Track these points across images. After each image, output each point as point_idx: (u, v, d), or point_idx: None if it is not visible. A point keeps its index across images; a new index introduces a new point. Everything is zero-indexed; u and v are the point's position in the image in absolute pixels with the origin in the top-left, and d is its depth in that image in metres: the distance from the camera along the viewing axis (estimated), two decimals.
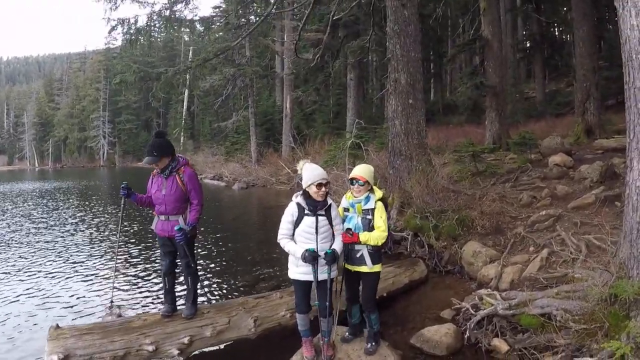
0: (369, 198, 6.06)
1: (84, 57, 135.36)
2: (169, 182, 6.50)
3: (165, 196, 6.49)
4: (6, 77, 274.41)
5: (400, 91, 12.52)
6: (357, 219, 6.08)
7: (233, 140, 44.71)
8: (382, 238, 5.93)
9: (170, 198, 6.48)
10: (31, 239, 15.58)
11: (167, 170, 6.51)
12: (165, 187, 6.50)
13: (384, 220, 5.97)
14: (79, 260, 12.51)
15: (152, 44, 43.93)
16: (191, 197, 6.58)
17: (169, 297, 6.68)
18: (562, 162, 12.79)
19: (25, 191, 36.47)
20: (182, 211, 6.56)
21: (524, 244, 8.88)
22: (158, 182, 6.60)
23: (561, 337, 5.71)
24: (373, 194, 6.09)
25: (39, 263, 12.45)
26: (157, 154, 6.42)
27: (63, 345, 5.62)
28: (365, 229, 6.00)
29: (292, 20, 34.29)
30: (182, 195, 6.52)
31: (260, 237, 15.56)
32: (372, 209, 6.03)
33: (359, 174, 6.11)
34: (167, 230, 6.49)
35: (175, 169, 6.54)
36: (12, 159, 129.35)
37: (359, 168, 6.24)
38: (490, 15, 19.65)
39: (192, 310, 6.53)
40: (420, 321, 7.53)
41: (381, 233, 5.92)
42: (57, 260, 12.72)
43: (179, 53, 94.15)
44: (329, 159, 21.70)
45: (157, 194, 6.58)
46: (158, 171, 6.59)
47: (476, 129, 24.02)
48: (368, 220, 6.02)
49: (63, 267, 11.96)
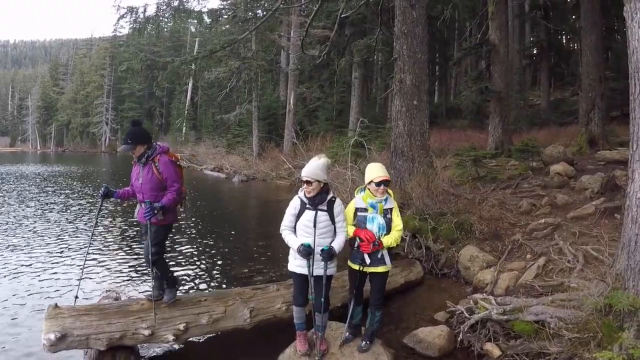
0: (387, 197, 6.07)
1: (90, 43, 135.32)
2: (145, 170, 6.50)
3: (142, 185, 6.50)
4: (12, 60, 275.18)
5: (405, 92, 12.51)
6: (380, 219, 6.04)
7: (235, 133, 44.61)
8: (400, 237, 6.07)
9: (147, 186, 6.47)
10: (36, 222, 15.74)
11: (143, 159, 6.48)
12: (142, 176, 6.51)
13: (400, 219, 6.07)
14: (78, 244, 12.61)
15: (159, 33, 43.89)
16: (168, 184, 6.53)
17: (156, 282, 6.69)
18: (564, 171, 12.79)
19: (28, 175, 36.46)
20: (159, 200, 6.49)
21: (522, 251, 8.89)
22: (136, 170, 6.62)
23: (554, 345, 5.72)
24: (389, 194, 6.12)
25: (38, 245, 12.62)
26: (132, 142, 6.42)
27: (61, 324, 5.68)
28: (388, 228, 6.02)
29: (299, 16, 34.25)
30: (158, 183, 6.49)
31: (258, 230, 15.65)
32: (391, 208, 6.07)
33: (386, 174, 6.08)
34: (142, 217, 6.46)
35: (151, 157, 6.51)
36: (14, 141, 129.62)
37: (379, 169, 6.14)
38: (498, 20, 19.61)
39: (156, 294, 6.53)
40: (415, 322, 7.58)
41: (399, 232, 6.02)
42: (54, 242, 12.88)
43: (185, 44, 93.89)
44: (331, 157, 21.71)
45: (135, 182, 6.59)
46: (135, 160, 6.58)
47: (479, 133, 24.02)
48: (389, 219, 6.04)
49: (62, 249, 12.11)
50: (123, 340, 5.92)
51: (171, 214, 6.67)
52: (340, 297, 6.95)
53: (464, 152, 14.62)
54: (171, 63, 20.97)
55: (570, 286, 6.83)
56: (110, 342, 5.82)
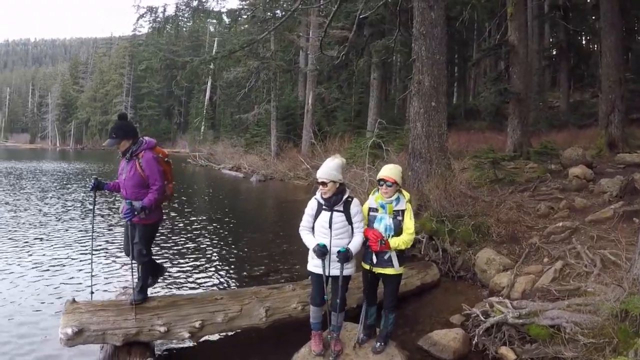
0: (399, 199, 6.03)
1: (110, 42, 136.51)
2: (129, 166, 6.42)
3: (125, 180, 6.42)
4: (33, 58, 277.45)
5: (423, 93, 12.47)
6: (388, 220, 6.03)
7: (253, 132, 44.73)
8: (411, 240, 5.97)
9: (129, 183, 6.39)
10: (58, 218, 15.94)
11: (128, 154, 6.42)
12: (125, 172, 6.43)
13: (413, 222, 5.98)
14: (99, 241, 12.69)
15: (178, 33, 44.15)
16: (150, 182, 6.42)
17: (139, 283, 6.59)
18: (583, 174, 12.69)
19: (48, 171, 36.70)
20: (142, 197, 6.41)
21: (539, 255, 8.84)
22: (122, 165, 6.56)
23: (569, 349, 5.70)
24: (403, 195, 6.07)
25: (61, 241, 12.76)
26: (117, 137, 6.36)
27: (78, 319, 5.77)
28: (396, 230, 5.97)
29: (317, 17, 34.24)
30: (141, 180, 6.39)
31: (276, 230, 15.65)
32: (403, 210, 6.00)
33: (388, 174, 6.05)
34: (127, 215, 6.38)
35: (136, 153, 6.43)
36: (34, 137, 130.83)
37: (387, 168, 6.16)
38: (517, 21, 19.51)
39: (140, 296, 6.41)
40: (430, 324, 7.57)
41: (410, 236, 5.93)
42: (77, 239, 13.02)
43: (203, 43, 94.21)
44: (349, 157, 21.70)
45: (119, 177, 6.55)
46: (123, 155, 6.50)
47: (497, 135, 23.91)
48: (398, 221, 5.98)
49: (84, 245, 12.23)
50: (139, 337, 5.99)
51: (156, 212, 6.61)
52: (356, 298, 6.95)
53: (482, 154, 14.56)
54: (190, 62, 21.03)
55: (587, 291, 6.79)
56: (127, 338, 5.90)
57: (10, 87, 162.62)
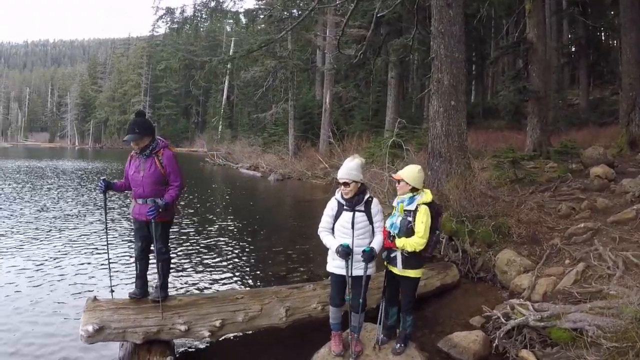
0: (412, 199, 6.00)
1: (128, 43, 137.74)
2: (147, 163, 6.40)
3: (144, 178, 6.38)
4: (52, 58, 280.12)
5: (442, 92, 12.40)
6: (396, 218, 6.04)
7: (271, 131, 44.91)
8: (419, 245, 5.83)
9: (148, 180, 6.37)
10: (78, 217, 16.14)
11: (147, 151, 6.39)
12: (143, 169, 6.39)
13: (425, 226, 5.84)
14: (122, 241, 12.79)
15: (197, 33, 44.31)
16: (170, 179, 6.47)
17: (139, 281, 6.59)
18: (604, 174, 12.53)
19: (67, 170, 36.97)
20: (161, 194, 6.41)
21: (560, 256, 8.74)
22: (136, 163, 6.49)
23: (591, 353, 5.61)
24: (419, 196, 6.02)
25: (83, 240, 12.94)
26: (140, 132, 6.34)
27: (99, 317, 5.79)
28: (402, 230, 5.93)
29: (334, 16, 34.27)
30: (161, 177, 6.41)
31: (294, 229, 15.73)
32: (414, 211, 5.95)
33: (398, 173, 6.18)
34: (144, 214, 6.34)
35: (155, 151, 6.43)
36: (53, 136, 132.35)
37: (404, 168, 6.23)
38: (535, 18, 19.35)
39: (157, 293, 6.37)
40: (449, 326, 7.51)
41: (419, 239, 5.81)
42: (99, 238, 13.11)
43: (220, 43, 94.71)
44: (368, 157, 21.65)
45: (135, 175, 6.46)
46: (137, 152, 6.47)
47: (517, 134, 23.75)
48: (407, 222, 5.93)
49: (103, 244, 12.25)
50: (159, 335, 6.01)
51: (172, 209, 6.63)
52: (376, 299, 6.90)
53: (501, 154, 14.47)
54: (209, 62, 21.07)
55: (610, 293, 6.71)
56: (147, 336, 5.92)
57: (29, 87, 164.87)
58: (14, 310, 7.95)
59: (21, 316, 7.67)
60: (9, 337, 6.86)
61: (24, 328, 7.22)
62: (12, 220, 15.27)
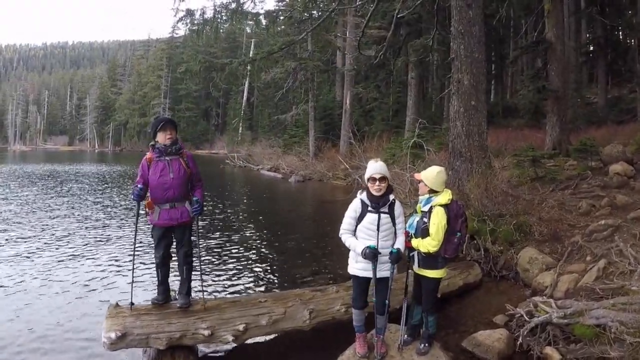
0: (429, 200, 6.05)
1: (148, 44, 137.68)
2: (174, 165, 6.35)
3: (174, 179, 6.31)
4: (71, 61, 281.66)
5: (462, 92, 12.46)
6: (413, 219, 6.16)
7: (291, 133, 44.90)
8: (432, 246, 5.87)
9: (178, 182, 6.33)
10: (100, 223, 16.17)
11: (173, 149, 6.41)
12: (172, 171, 6.31)
13: (437, 227, 5.86)
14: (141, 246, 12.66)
15: (217, 35, 44.43)
16: (195, 179, 6.57)
17: (161, 287, 6.60)
18: (623, 171, 12.54)
19: (88, 174, 37.21)
20: (188, 196, 6.49)
21: (581, 253, 8.76)
22: (160, 166, 6.35)
23: (615, 349, 5.68)
24: (435, 197, 6.05)
25: (104, 246, 12.92)
26: (174, 125, 6.53)
27: (122, 323, 5.82)
28: (418, 230, 6.03)
29: (354, 17, 34.26)
30: (188, 179, 6.45)
31: (316, 230, 15.73)
32: (429, 212, 5.99)
33: (420, 173, 6.28)
34: (175, 219, 6.38)
35: (180, 151, 6.45)
36: (73, 139, 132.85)
37: (427, 169, 6.29)
38: (554, 18, 19.29)
39: (187, 299, 6.44)
40: (473, 325, 7.55)
41: (431, 241, 5.87)
42: (117, 244, 13.12)
43: (240, 45, 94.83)
44: (389, 157, 21.70)
45: (162, 179, 6.31)
46: (157, 155, 6.36)
47: (536, 133, 23.63)
48: (423, 222, 6.01)
49: (124, 251, 12.35)
50: (182, 340, 6.04)
51: None
52: (399, 300, 6.87)
53: (521, 152, 14.47)
54: (229, 64, 21.23)
55: (632, 289, 6.75)
56: (170, 342, 5.95)
57: (48, 89, 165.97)
58: (34, 314, 8.03)
59: (42, 322, 7.69)
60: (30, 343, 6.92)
61: (45, 333, 7.27)
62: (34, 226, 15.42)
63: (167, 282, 6.67)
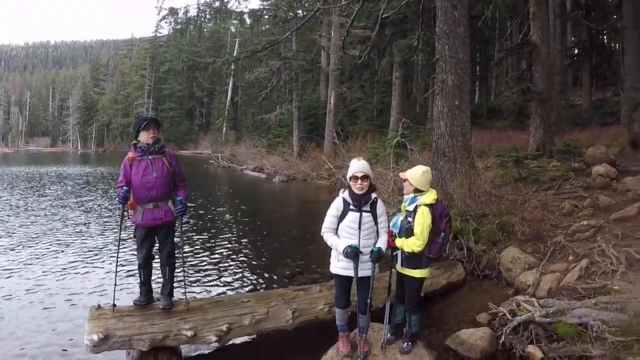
0: (414, 200, 6.04)
1: (131, 44, 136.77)
2: (157, 164, 6.32)
3: (157, 179, 6.27)
4: (53, 60, 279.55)
5: (447, 92, 12.48)
6: (397, 218, 6.16)
7: (275, 133, 44.79)
8: (416, 246, 5.87)
9: (161, 181, 6.30)
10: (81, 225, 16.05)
11: (156, 148, 6.38)
12: (155, 170, 6.28)
13: (422, 227, 5.86)
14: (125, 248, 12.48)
15: (200, 34, 44.27)
16: (179, 178, 6.55)
17: (144, 288, 6.55)
18: (606, 172, 12.64)
19: (70, 176, 36.96)
20: (171, 195, 6.47)
21: (564, 253, 8.81)
22: (142, 166, 6.30)
23: (597, 347, 5.71)
24: (420, 197, 6.04)
25: (82, 247, 12.81)
26: (158, 124, 6.52)
27: (104, 325, 5.77)
28: (402, 230, 6.02)
29: (339, 17, 34.24)
30: (171, 177, 6.43)
31: (299, 230, 15.70)
32: (413, 212, 5.99)
33: (404, 171, 6.27)
34: (159, 218, 6.34)
35: (162, 150, 6.42)
36: (55, 141, 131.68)
37: (412, 168, 6.27)
38: (539, 20, 19.39)
39: (170, 301, 6.38)
40: (456, 323, 7.57)
41: (415, 240, 5.86)
42: (99, 246, 13.02)
43: (225, 44, 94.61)
44: (372, 157, 21.71)
45: (145, 178, 6.27)
46: (139, 155, 6.32)
47: (520, 134, 23.74)
48: (407, 221, 6.01)
49: (106, 253, 12.26)
50: (165, 341, 6.01)
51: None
52: (382, 299, 6.88)
53: (505, 153, 14.55)
54: (212, 64, 21.16)
55: (613, 289, 6.78)
56: (153, 343, 5.92)
57: (30, 90, 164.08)
58: (17, 319, 7.94)
59: (25, 326, 7.64)
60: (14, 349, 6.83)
61: (27, 338, 7.19)
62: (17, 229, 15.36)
63: (150, 283, 6.61)
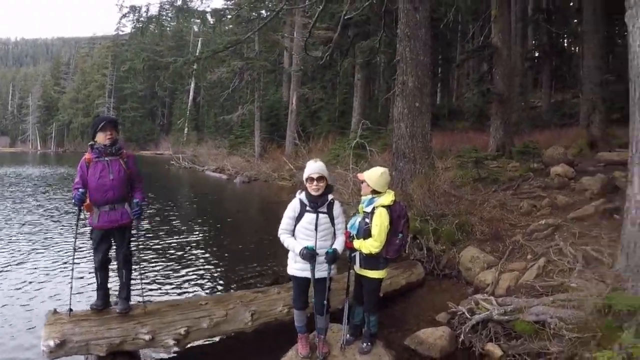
0: (371, 201, 6.04)
1: (93, 42, 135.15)
2: (114, 166, 6.26)
3: (114, 181, 6.21)
4: (13, 58, 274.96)
5: (407, 94, 12.54)
6: (354, 219, 6.15)
7: (237, 133, 44.58)
8: (374, 247, 5.88)
9: (118, 183, 6.24)
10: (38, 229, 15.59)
11: (113, 149, 6.30)
12: (112, 172, 6.22)
13: (379, 228, 5.87)
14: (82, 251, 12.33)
15: (162, 33, 43.65)
16: (136, 180, 6.50)
17: (101, 292, 6.39)
18: (564, 172, 12.83)
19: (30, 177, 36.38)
20: (127, 198, 6.40)
21: (522, 252, 8.94)
22: (99, 167, 6.22)
23: (554, 344, 5.79)
24: (378, 198, 6.04)
25: (40, 251, 12.50)
26: (115, 125, 6.48)
27: (60, 330, 5.66)
28: (360, 231, 6.02)
29: (302, 17, 34.24)
30: (128, 179, 6.37)
31: (260, 232, 15.57)
32: (371, 213, 6.00)
33: (363, 173, 6.25)
34: (115, 221, 6.27)
35: (119, 152, 6.36)
36: (14, 141, 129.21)
37: (370, 169, 6.26)
38: (500, 23, 19.57)
39: (127, 304, 6.33)
40: (416, 323, 7.60)
41: (373, 242, 5.87)
42: (57, 250, 12.71)
43: (187, 43, 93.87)
44: (332, 158, 21.74)
45: (102, 180, 6.20)
46: (95, 156, 6.24)
47: (480, 135, 23.96)
48: (364, 223, 6.01)
49: (64, 257, 11.93)
50: (123, 346, 5.92)
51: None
52: (341, 300, 6.86)
53: (465, 154, 14.70)
54: (173, 63, 20.94)
55: (571, 286, 6.89)
56: (111, 348, 5.82)
57: None
58: None
59: None
60: None
61: None
62: None
63: (107, 286, 6.50)
